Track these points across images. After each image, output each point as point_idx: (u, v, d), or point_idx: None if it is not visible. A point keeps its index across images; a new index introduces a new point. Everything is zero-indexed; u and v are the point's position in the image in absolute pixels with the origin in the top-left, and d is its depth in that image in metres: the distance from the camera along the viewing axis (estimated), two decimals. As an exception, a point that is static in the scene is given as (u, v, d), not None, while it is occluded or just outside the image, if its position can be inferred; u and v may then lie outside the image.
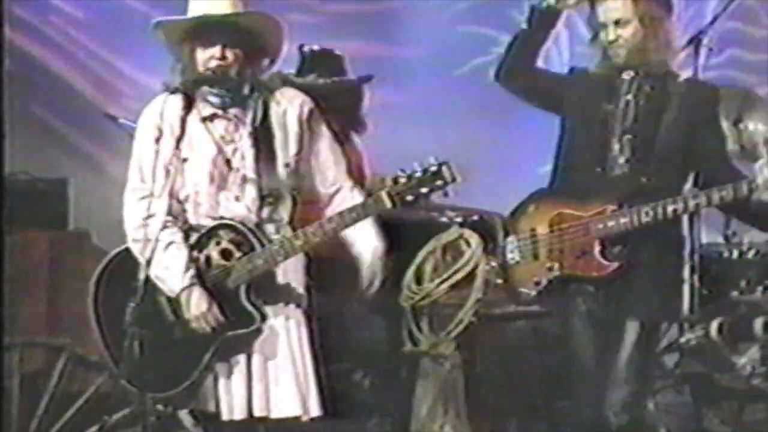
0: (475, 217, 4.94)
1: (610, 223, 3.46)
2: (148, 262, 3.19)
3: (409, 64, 6.40)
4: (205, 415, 3.38)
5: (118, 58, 5.95)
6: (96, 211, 4.93)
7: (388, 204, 3.13)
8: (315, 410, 3.32)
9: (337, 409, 3.42)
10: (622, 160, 3.53)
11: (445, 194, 3.14)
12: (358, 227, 3.27)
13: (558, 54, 6.74)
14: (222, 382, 3.31)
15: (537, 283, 3.55)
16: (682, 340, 4.50)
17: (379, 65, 6.40)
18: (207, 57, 3.33)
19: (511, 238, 3.63)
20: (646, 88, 3.58)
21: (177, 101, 3.33)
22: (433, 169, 3.09)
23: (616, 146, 3.53)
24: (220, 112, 3.38)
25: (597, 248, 3.46)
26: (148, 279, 3.20)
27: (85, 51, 6.13)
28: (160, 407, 3.47)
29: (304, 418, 3.30)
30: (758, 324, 4.49)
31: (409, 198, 3.10)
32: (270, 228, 3.34)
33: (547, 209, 3.58)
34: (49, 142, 5.75)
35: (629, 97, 3.57)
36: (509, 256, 3.63)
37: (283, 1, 4.24)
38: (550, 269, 3.53)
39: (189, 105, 3.32)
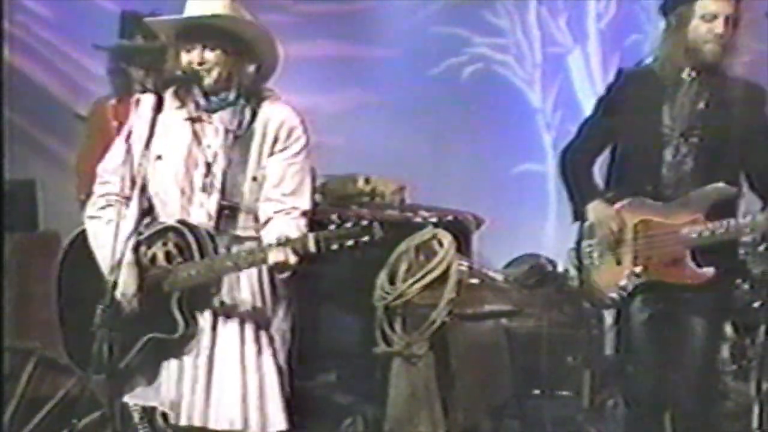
0: (449, 217, 4.94)
1: (706, 233, 3.47)
2: (118, 264, 3.14)
3: (383, 64, 6.39)
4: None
5: (87, 58, 5.88)
6: (65, 213, 4.87)
7: (313, 249, 3.11)
8: (279, 424, 3.24)
9: (310, 410, 3.38)
10: (683, 164, 3.54)
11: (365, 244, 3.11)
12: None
13: (531, 54, 6.79)
14: (172, 385, 3.27)
15: (623, 288, 3.56)
16: None
17: (354, 65, 6.41)
18: (188, 61, 3.31)
19: (590, 242, 3.64)
20: (705, 92, 3.56)
21: (149, 102, 3.30)
22: (364, 223, 3.11)
23: (674, 150, 3.53)
24: (204, 115, 3.34)
25: (689, 256, 3.48)
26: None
27: (54, 50, 6.08)
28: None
29: None
30: (727, 324, 4.51)
31: (334, 247, 3.10)
32: (224, 240, 3.29)
33: (628, 216, 3.58)
34: (17, 142, 5.68)
35: (685, 99, 3.55)
36: (588, 259, 3.64)
37: (258, 1, 4.20)
38: (638, 275, 3.55)
39: (159, 105, 3.26)
